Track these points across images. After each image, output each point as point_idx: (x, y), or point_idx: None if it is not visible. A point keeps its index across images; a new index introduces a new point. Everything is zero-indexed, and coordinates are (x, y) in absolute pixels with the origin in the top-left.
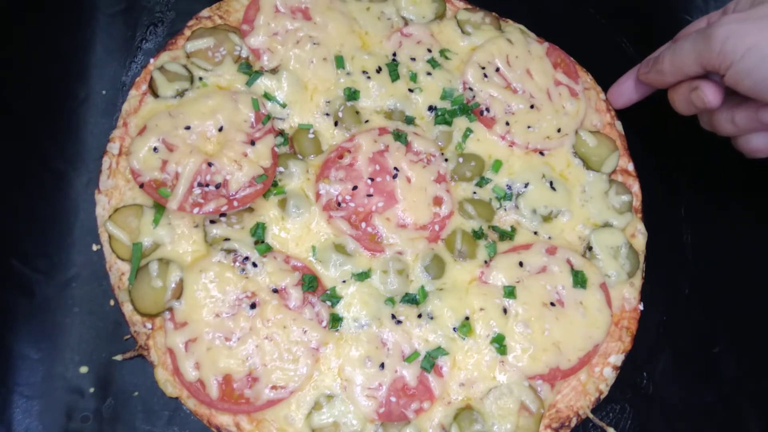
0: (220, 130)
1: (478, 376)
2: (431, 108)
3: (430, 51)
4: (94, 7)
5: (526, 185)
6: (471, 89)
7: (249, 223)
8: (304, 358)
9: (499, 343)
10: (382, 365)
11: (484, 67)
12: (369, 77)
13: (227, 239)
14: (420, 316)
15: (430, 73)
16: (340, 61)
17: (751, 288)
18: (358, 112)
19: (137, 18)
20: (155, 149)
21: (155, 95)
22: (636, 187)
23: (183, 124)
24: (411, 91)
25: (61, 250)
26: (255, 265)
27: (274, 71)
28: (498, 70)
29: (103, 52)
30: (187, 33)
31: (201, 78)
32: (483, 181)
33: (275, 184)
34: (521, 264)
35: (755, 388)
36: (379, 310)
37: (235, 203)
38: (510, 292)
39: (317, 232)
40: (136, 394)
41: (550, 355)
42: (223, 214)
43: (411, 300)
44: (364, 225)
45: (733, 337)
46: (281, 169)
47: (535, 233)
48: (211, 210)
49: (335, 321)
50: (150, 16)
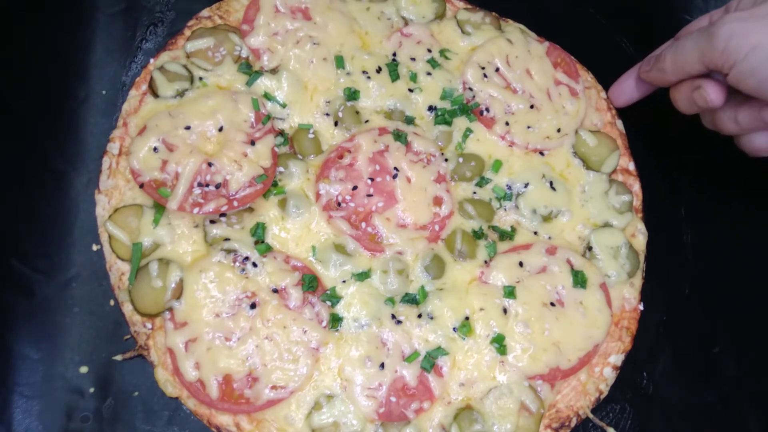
0: (220, 130)
1: (478, 376)
2: (431, 108)
3: (430, 51)
4: (94, 7)
5: (526, 185)
6: (471, 89)
7: (249, 223)
8: (304, 358)
9: (499, 343)
10: (382, 365)
11: (484, 67)
12: (369, 77)
13: (227, 239)
14: (420, 316)
15: (430, 73)
16: (340, 61)
17: (751, 288)
18: (358, 112)
19: (137, 18)
20: (155, 149)
21: (155, 95)
22: (637, 186)
23: (183, 124)
24: (411, 91)
25: (61, 250)
26: (255, 265)
27: (274, 71)
28: (498, 70)
29: (103, 52)
30: (187, 33)
31: (201, 78)
32: (483, 181)
33: (275, 184)
34: (521, 264)
35: (755, 388)
36: (379, 310)
37: (235, 203)
38: (510, 292)
39: (317, 232)
40: (136, 394)
41: (550, 355)
42: (223, 214)
43: (411, 300)
44: (364, 225)
45: (733, 337)
46: (281, 169)
47: (535, 233)
48: (211, 210)
49: (335, 321)
50: (150, 16)
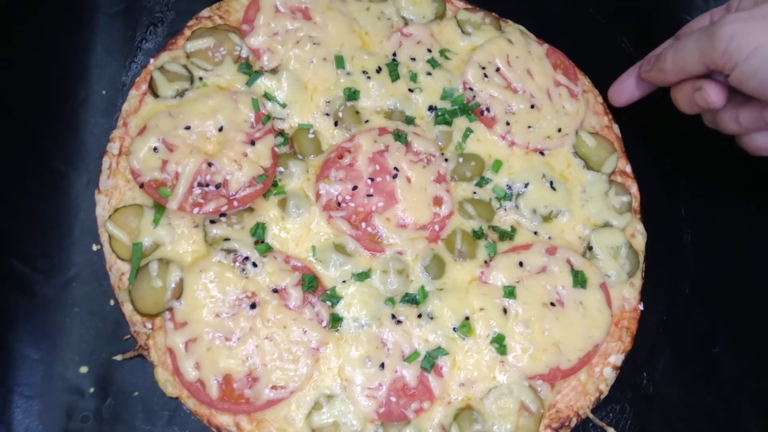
0: (220, 130)
1: (478, 376)
2: (431, 108)
3: (430, 51)
4: (94, 7)
5: (526, 185)
6: (471, 89)
7: (249, 223)
8: (304, 358)
9: (499, 343)
10: (382, 365)
11: (484, 67)
12: (369, 77)
13: (227, 239)
14: (420, 316)
15: (430, 73)
16: (340, 61)
17: (751, 288)
18: (358, 112)
19: (137, 18)
20: (155, 149)
21: (155, 95)
22: (634, 188)
23: (183, 124)
24: (411, 91)
25: (61, 250)
26: (255, 265)
27: (274, 71)
28: (498, 70)
29: (103, 52)
30: (187, 33)
31: (201, 78)
32: (483, 181)
33: (275, 184)
34: (521, 264)
35: (755, 388)
36: (379, 310)
37: (235, 203)
38: (510, 292)
39: (317, 232)
40: (136, 394)
41: (550, 355)
42: (223, 214)
43: (411, 300)
44: (364, 225)
45: (733, 337)
46: (281, 169)
47: (535, 233)
48: (211, 210)
49: (335, 321)
50: (150, 16)
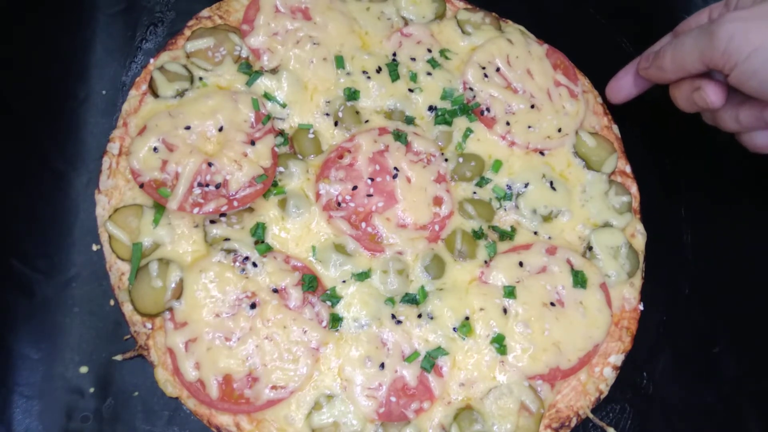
0: (220, 130)
1: (478, 376)
2: (431, 108)
3: (430, 51)
4: (94, 7)
5: (526, 185)
6: (471, 89)
7: (249, 223)
8: (304, 358)
9: (499, 343)
10: (382, 365)
11: (484, 67)
12: (369, 77)
13: (227, 239)
14: (420, 316)
15: (430, 73)
16: (340, 61)
17: (751, 288)
18: (358, 112)
19: (137, 18)
20: (155, 149)
21: (155, 95)
22: (634, 188)
23: (183, 124)
24: (411, 91)
25: (61, 250)
26: (255, 265)
27: (274, 71)
28: (498, 70)
29: (103, 52)
30: (187, 33)
31: (201, 78)
32: (483, 181)
33: (275, 184)
34: (521, 264)
35: (755, 388)
36: (379, 310)
37: (235, 203)
38: (510, 292)
39: (317, 232)
40: (136, 394)
41: (550, 355)
42: (223, 214)
43: (411, 300)
44: (364, 225)
45: (733, 337)
46: (281, 169)
47: (535, 233)
48: (211, 210)
49: (335, 321)
50: (150, 16)
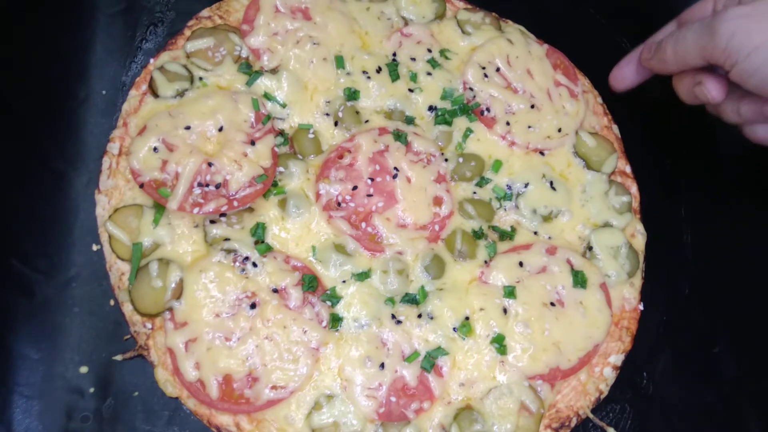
0: (220, 130)
1: (478, 376)
2: (431, 108)
3: (430, 51)
4: (94, 7)
5: (526, 185)
6: (471, 89)
7: (249, 223)
8: (304, 358)
9: (499, 343)
10: (382, 365)
11: (484, 67)
12: (369, 77)
13: (227, 239)
14: (420, 316)
15: (430, 73)
16: (340, 61)
17: (751, 288)
18: (358, 112)
19: (137, 18)
20: (155, 149)
21: (155, 95)
22: (634, 188)
23: (183, 124)
24: (411, 91)
25: (61, 250)
26: (255, 265)
27: (274, 71)
28: (498, 70)
29: (103, 52)
30: (187, 33)
31: (201, 78)
32: (483, 181)
33: (275, 184)
34: (521, 264)
35: (755, 388)
36: (379, 310)
37: (235, 203)
38: (510, 292)
39: (317, 232)
40: (136, 394)
41: (550, 355)
42: (223, 214)
43: (411, 300)
44: (364, 225)
45: (733, 337)
46: (281, 169)
47: (535, 233)
48: (211, 210)
49: (335, 321)
50: (150, 16)
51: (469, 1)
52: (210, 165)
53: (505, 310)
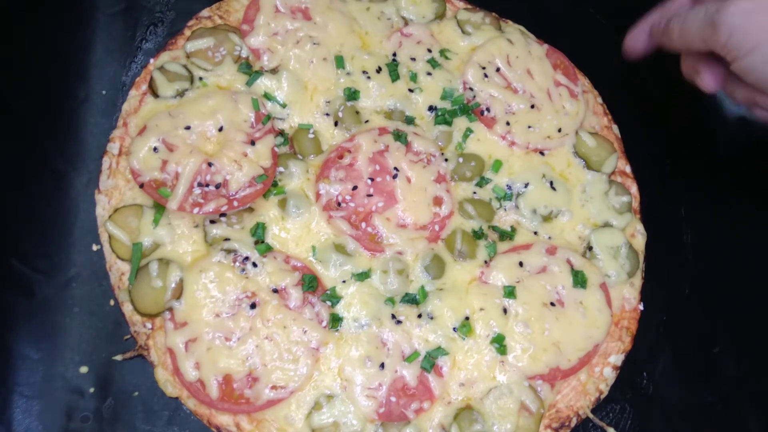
0: (220, 130)
1: (478, 376)
2: (431, 108)
3: (430, 51)
4: (94, 7)
5: (526, 185)
6: (471, 89)
7: (249, 223)
8: (304, 358)
9: (499, 343)
10: (382, 365)
11: (484, 67)
12: (369, 77)
13: (227, 239)
14: (420, 316)
15: (430, 73)
16: (340, 61)
17: (751, 288)
18: (358, 112)
19: (137, 18)
20: (155, 149)
21: (155, 95)
22: (634, 188)
23: (183, 124)
24: (411, 91)
25: (61, 250)
26: (255, 265)
27: (274, 71)
28: (498, 70)
29: (103, 52)
30: (187, 33)
31: (201, 78)
32: (483, 181)
33: (275, 184)
34: (521, 264)
35: (755, 388)
36: (379, 310)
37: (235, 203)
38: (510, 292)
39: (317, 232)
40: (136, 394)
41: (550, 355)
42: (223, 214)
43: (411, 300)
44: (364, 225)
45: (733, 337)
46: (281, 169)
47: (535, 233)
48: (211, 210)
49: (335, 321)
50: (150, 16)
51: (469, 1)
52: (210, 165)
53: (505, 310)
